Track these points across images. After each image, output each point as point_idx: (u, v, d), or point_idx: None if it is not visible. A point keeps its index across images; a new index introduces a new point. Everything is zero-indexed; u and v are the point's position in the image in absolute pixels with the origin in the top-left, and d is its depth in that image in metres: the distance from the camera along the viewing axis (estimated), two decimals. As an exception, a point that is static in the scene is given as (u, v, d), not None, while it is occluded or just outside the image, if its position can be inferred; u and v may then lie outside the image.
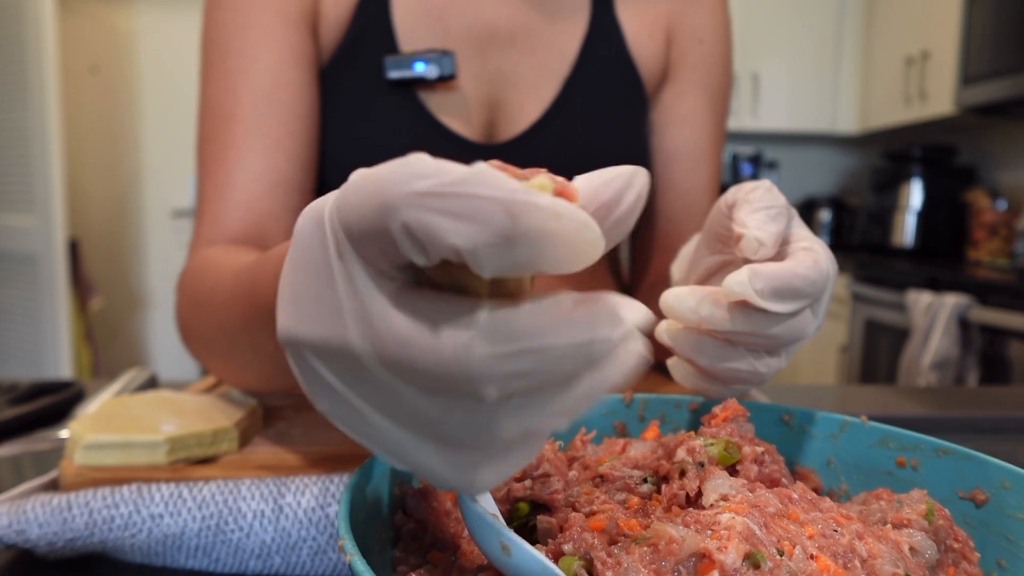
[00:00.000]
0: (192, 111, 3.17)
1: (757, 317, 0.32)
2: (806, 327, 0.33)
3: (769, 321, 0.32)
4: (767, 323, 0.32)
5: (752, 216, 0.33)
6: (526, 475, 0.31)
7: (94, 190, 3.37)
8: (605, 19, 0.66)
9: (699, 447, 0.29)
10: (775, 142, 3.43)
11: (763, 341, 0.32)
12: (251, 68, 0.58)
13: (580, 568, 0.23)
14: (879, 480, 0.33)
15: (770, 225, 0.33)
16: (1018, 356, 1.78)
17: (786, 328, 0.32)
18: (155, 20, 3.31)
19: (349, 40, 0.62)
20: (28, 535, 0.32)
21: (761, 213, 0.33)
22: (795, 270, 0.31)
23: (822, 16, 3.08)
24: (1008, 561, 0.28)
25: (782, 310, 0.31)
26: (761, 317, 0.32)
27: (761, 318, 0.32)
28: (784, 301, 0.31)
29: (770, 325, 0.32)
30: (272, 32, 0.58)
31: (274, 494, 0.33)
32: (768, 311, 0.31)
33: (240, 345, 0.41)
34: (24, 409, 0.51)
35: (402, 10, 0.62)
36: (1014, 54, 2.12)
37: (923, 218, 2.73)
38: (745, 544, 0.22)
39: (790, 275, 0.31)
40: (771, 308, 0.31)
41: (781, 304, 0.31)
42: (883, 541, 0.26)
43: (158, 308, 3.51)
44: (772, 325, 0.32)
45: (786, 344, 0.33)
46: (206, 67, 0.60)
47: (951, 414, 0.61)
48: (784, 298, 0.31)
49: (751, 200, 0.34)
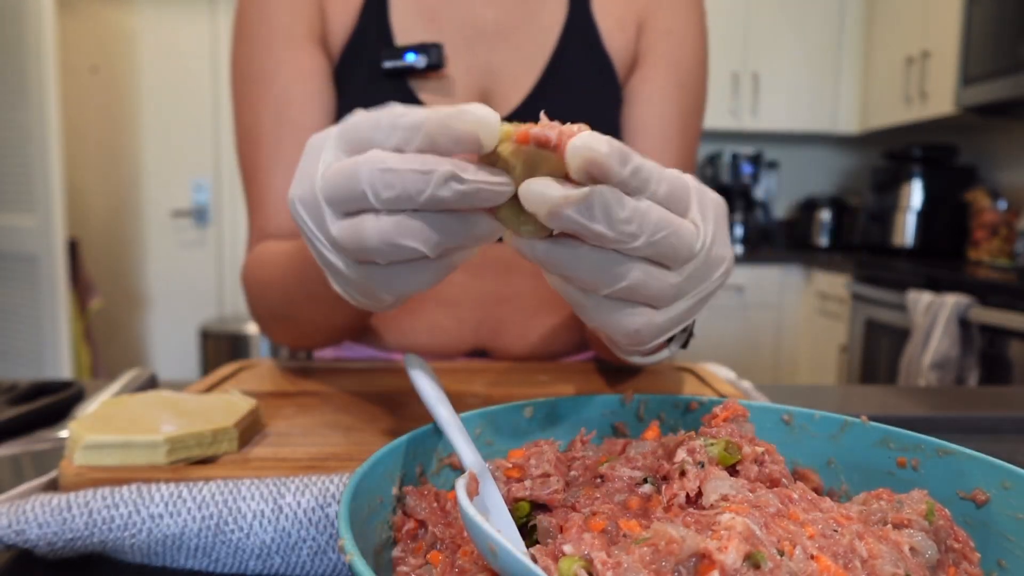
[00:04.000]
0: (191, 111, 3.19)
1: (611, 196, 0.29)
2: (676, 224, 0.31)
3: (624, 205, 0.29)
4: (621, 204, 0.29)
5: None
6: (526, 475, 0.31)
7: (94, 190, 3.37)
8: (581, 14, 0.71)
9: (699, 447, 0.29)
10: (775, 142, 3.42)
11: (627, 230, 0.29)
12: (266, 94, 0.66)
13: (580, 568, 0.23)
14: (879, 480, 0.33)
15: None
16: (1018, 356, 1.77)
17: (648, 216, 0.30)
18: (155, 20, 3.31)
19: (354, 40, 0.67)
20: (28, 535, 0.32)
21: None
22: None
23: (822, 16, 3.08)
24: (1008, 561, 0.28)
25: (625, 174, 0.29)
26: (615, 197, 0.29)
27: (615, 198, 0.29)
28: (627, 164, 0.29)
29: (625, 207, 0.29)
30: (282, 56, 0.65)
31: (274, 494, 0.33)
32: (618, 177, 0.28)
33: (299, 301, 0.55)
34: (24, 409, 0.51)
35: (399, 11, 0.68)
36: (1014, 54, 2.12)
37: (923, 218, 2.73)
38: (745, 544, 0.22)
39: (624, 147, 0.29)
40: (614, 167, 0.28)
41: (624, 166, 0.28)
42: (883, 541, 0.26)
43: (158, 308, 3.51)
44: (626, 210, 0.29)
45: (661, 245, 0.30)
46: (235, 96, 0.68)
47: (951, 414, 0.61)
48: (626, 162, 0.29)
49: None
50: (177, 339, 3.51)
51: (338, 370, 0.64)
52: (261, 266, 0.61)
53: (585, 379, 0.62)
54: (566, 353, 0.75)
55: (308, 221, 0.34)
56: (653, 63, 0.71)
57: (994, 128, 2.75)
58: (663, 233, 0.30)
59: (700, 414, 0.37)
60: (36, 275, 2.59)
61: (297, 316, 0.58)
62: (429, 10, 0.68)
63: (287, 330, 0.62)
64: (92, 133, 3.33)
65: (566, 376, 0.63)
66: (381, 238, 0.31)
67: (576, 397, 0.38)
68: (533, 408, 0.37)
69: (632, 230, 0.30)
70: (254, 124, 0.66)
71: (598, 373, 0.64)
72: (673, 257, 0.32)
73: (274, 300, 0.59)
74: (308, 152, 0.34)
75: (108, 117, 3.33)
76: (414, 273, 0.33)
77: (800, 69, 3.10)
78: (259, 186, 0.66)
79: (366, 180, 0.30)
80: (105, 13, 3.28)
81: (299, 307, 0.56)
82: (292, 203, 0.34)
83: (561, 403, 0.38)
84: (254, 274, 0.62)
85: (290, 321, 0.60)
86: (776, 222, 3.44)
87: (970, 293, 1.92)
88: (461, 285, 0.70)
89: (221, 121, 3.37)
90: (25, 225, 2.59)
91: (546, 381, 0.61)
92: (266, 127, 0.65)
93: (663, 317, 0.33)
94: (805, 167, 3.51)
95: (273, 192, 0.66)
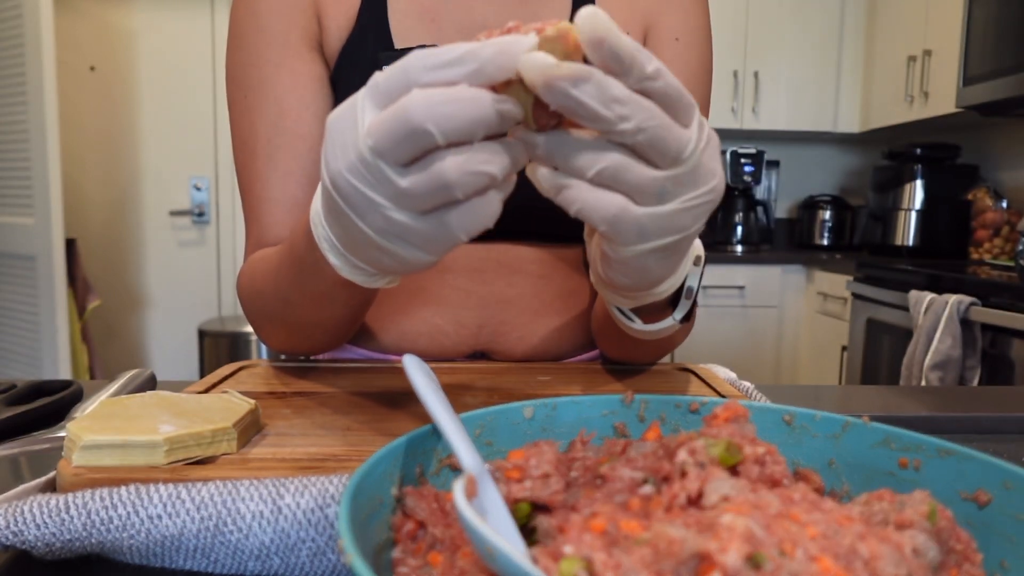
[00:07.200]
0: (190, 110, 3.19)
1: (608, 80, 0.30)
2: (669, 121, 0.32)
3: (619, 89, 0.30)
4: (616, 88, 0.30)
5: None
6: (526, 475, 0.31)
7: (92, 190, 3.37)
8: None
9: (700, 448, 0.29)
10: (776, 142, 3.42)
11: (620, 111, 0.31)
12: (262, 103, 0.65)
13: (581, 569, 0.23)
14: (881, 481, 0.33)
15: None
16: (1020, 356, 1.77)
17: (641, 103, 0.31)
18: (154, 19, 3.31)
19: (351, 43, 0.66)
20: (25, 536, 0.32)
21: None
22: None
23: (823, 15, 3.08)
24: (1011, 562, 0.28)
25: (624, 51, 0.30)
26: (611, 81, 0.30)
27: (611, 82, 0.30)
28: (626, 47, 0.30)
29: (620, 91, 0.30)
30: (278, 64, 0.65)
31: (273, 495, 0.33)
32: (612, 54, 0.30)
33: (296, 300, 0.54)
34: (22, 409, 0.51)
35: (398, 13, 0.67)
36: (1016, 53, 2.12)
37: (925, 218, 2.72)
38: (746, 545, 0.22)
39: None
40: (619, 44, 0.30)
41: (623, 44, 0.30)
42: (885, 542, 0.25)
43: (157, 308, 3.51)
44: (621, 93, 0.30)
45: (650, 134, 0.31)
46: (231, 105, 0.68)
47: (953, 414, 0.61)
48: (626, 45, 0.30)
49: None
50: (176, 339, 3.51)
51: (337, 371, 0.64)
52: (255, 272, 0.61)
53: (586, 379, 0.62)
54: (567, 355, 0.75)
55: (362, 187, 0.33)
56: None
57: (996, 127, 2.75)
58: (655, 123, 0.31)
59: (701, 415, 0.37)
60: (34, 275, 2.59)
61: (292, 315, 0.57)
62: (429, 11, 0.67)
63: (283, 332, 0.61)
64: (91, 133, 3.33)
65: (567, 376, 0.63)
66: (462, 169, 0.31)
67: (577, 397, 0.38)
68: (533, 408, 0.37)
69: (624, 112, 0.31)
70: (250, 133, 0.66)
71: (599, 373, 0.64)
72: (662, 153, 0.32)
73: (269, 302, 0.59)
74: (335, 126, 0.34)
75: (107, 117, 3.33)
76: (487, 204, 0.33)
77: (801, 68, 3.10)
78: (256, 196, 0.66)
79: (425, 117, 0.30)
80: (104, 12, 3.28)
81: (294, 306, 0.56)
82: (335, 178, 0.34)
83: (561, 403, 0.38)
84: (250, 280, 0.62)
85: (285, 322, 0.59)
86: (777, 221, 3.43)
87: (972, 293, 1.92)
88: (462, 288, 0.70)
89: (220, 121, 3.37)
90: (23, 225, 2.59)
91: (547, 381, 0.61)
92: (262, 136, 0.65)
93: (642, 211, 0.34)
94: (806, 166, 3.51)
95: (270, 201, 0.65)
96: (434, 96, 0.30)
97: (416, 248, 0.35)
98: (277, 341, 0.64)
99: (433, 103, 0.30)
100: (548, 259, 0.72)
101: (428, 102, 0.30)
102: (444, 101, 0.30)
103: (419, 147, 0.31)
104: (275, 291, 0.57)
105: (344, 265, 0.42)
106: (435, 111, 0.30)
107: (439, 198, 0.32)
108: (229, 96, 0.68)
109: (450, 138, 0.31)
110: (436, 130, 0.30)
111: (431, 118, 0.30)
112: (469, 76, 0.30)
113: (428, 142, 0.31)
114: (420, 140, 0.31)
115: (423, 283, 0.70)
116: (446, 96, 0.30)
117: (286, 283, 0.54)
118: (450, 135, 0.31)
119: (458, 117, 0.30)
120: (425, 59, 0.31)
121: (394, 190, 0.33)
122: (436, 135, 0.30)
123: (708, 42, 0.74)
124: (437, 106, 0.30)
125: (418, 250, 0.36)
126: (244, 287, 0.64)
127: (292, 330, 0.60)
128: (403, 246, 0.35)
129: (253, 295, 0.62)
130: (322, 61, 0.67)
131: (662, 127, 0.32)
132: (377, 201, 0.33)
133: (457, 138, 0.31)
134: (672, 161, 0.33)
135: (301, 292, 0.53)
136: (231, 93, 0.67)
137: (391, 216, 0.34)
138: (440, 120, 0.30)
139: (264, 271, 0.59)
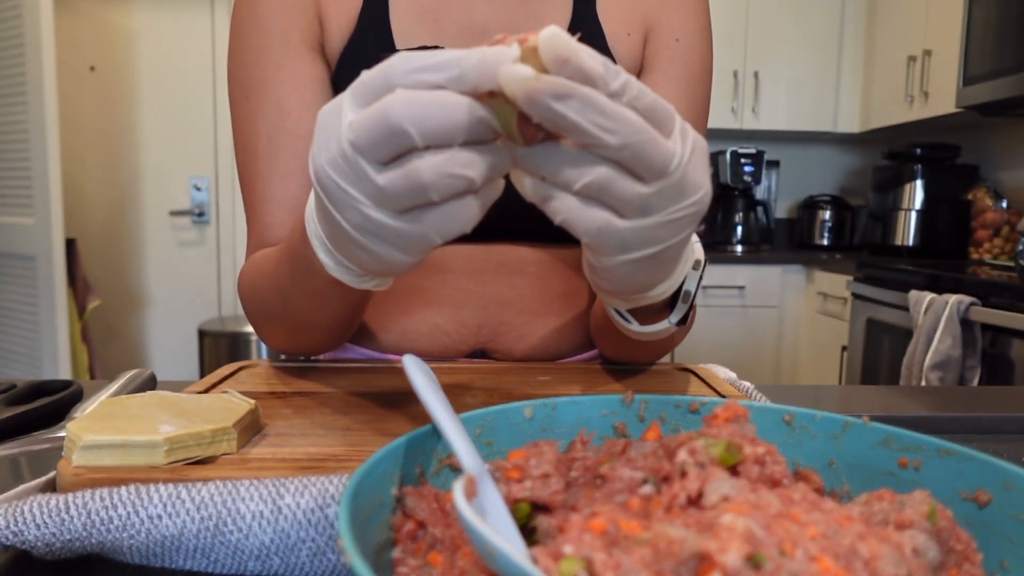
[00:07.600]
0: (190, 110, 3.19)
1: (591, 93, 0.30)
2: (654, 134, 0.32)
3: (603, 103, 0.30)
4: (600, 102, 0.30)
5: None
6: (526, 475, 0.31)
7: (92, 189, 3.37)
8: (586, 16, 0.69)
9: (700, 448, 0.29)
10: (776, 142, 3.42)
11: (604, 124, 0.31)
12: (263, 104, 0.65)
13: (581, 569, 0.23)
14: (881, 481, 0.33)
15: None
16: (1021, 356, 1.77)
17: (625, 117, 0.31)
18: (154, 19, 3.31)
19: (353, 44, 0.66)
20: (25, 536, 0.32)
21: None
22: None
23: (823, 15, 3.08)
24: (1011, 562, 0.28)
25: (594, 68, 0.30)
26: (595, 95, 0.30)
27: (595, 95, 0.30)
28: (586, 61, 0.30)
29: (604, 105, 0.30)
30: (279, 65, 0.65)
31: (273, 495, 0.33)
32: (583, 70, 0.30)
33: (293, 298, 0.55)
34: (22, 409, 0.51)
35: (400, 14, 0.67)
36: (1016, 53, 2.12)
37: (925, 218, 2.72)
38: (747, 545, 0.22)
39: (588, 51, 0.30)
40: (584, 62, 0.29)
41: (584, 60, 0.30)
42: (885, 542, 0.25)
43: (157, 308, 3.51)
44: (605, 107, 0.30)
45: (635, 149, 0.31)
46: (233, 106, 0.68)
47: (953, 414, 0.61)
48: (586, 60, 0.30)
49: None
50: (176, 339, 3.51)
51: (337, 371, 0.64)
52: (256, 271, 0.62)
53: (586, 379, 0.62)
54: (567, 355, 0.75)
55: (341, 183, 0.34)
56: (661, 70, 0.71)
57: (996, 127, 2.75)
58: (639, 138, 0.31)
59: (701, 415, 0.37)
60: (34, 275, 2.59)
61: (290, 314, 0.58)
62: (430, 12, 0.67)
63: (283, 331, 0.62)
64: (91, 132, 3.33)
65: (567, 376, 0.63)
66: (437, 171, 0.31)
67: (576, 397, 0.38)
68: (533, 408, 0.37)
69: (608, 126, 0.31)
70: (251, 135, 0.66)
71: (599, 373, 0.64)
72: (647, 167, 0.32)
73: (268, 301, 0.59)
74: (322, 122, 0.35)
75: (107, 117, 3.33)
76: (464, 208, 0.34)
77: (801, 68, 3.10)
78: (257, 196, 0.66)
79: (404, 117, 0.30)
80: (104, 12, 3.28)
81: (292, 304, 0.56)
82: (319, 172, 0.35)
83: (561, 403, 0.38)
84: (250, 279, 0.63)
85: (285, 321, 0.60)
86: (777, 221, 3.43)
87: (972, 293, 1.92)
88: (463, 288, 0.70)
89: (220, 120, 3.37)
90: (23, 225, 2.59)
91: (547, 381, 0.61)
92: (263, 138, 0.65)
93: (626, 225, 0.34)
94: (806, 166, 3.51)
95: (270, 202, 0.66)
96: (415, 97, 0.31)
97: (392, 247, 0.36)
98: (277, 340, 0.64)
99: (413, 104, 0.31)
100: (548, 260, 0.72)
101: (408, 102, 0.31)
102: (425, 103, 0.30)
103: (398, 146, 0.32)
104: (274, 290, 0.57)
105: (332, 263, 0.42)
106: (415, 112, 0.30)
107: (415, 198, 0.33)
108: (231, 97, 0.68)
109: (428, 140, 0.31)
110: (414, 130, 0.31)
111: (410, 118, 0.30)
112: (450, 82, 0.31)
113: (407, 141, 0.31)
114: (398, 139, 0.31)
115: (424, 283, 0.70)
116: (427, 99, 0.31)
117: (284, 282, 0.55)
118: (428, 136, 0.31)
119: (435, 119, 0.30)
120: (409, 62, 0.31)
121: (372, 187, 0.33)
122: (414, 135, 0.31)
123: (709, 43, 0.74)
124: (417, 107, 0.30)
125: (395, 249, 0.36)
126: (244, 286, 0.64)
127: (291, 329, 0.61)
128: (380, 244, 0.36)
129: (253, 294, 0.62)
130: (323, 62, 0.67)
131: (646, 141, 0.32)
132: (355, 197, 0.34)
133: (435, 141, 0.31)
134: (657, 175, 0.33)
135: (298, 291, 0.54)
136: (232, 94, 0.68)
137: (368, 213, 0.34)
138: (418, 121, 0.30)
139: (264, 270, 0.59)
